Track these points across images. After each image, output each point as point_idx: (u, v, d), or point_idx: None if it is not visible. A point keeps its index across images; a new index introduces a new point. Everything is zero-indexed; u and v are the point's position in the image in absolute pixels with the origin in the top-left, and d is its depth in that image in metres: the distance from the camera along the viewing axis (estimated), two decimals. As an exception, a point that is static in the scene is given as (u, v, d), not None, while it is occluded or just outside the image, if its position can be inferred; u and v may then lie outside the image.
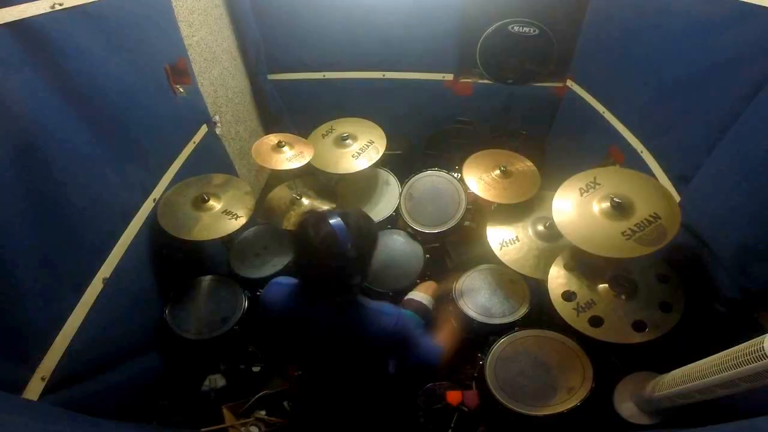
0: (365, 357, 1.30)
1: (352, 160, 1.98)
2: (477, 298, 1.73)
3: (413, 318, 1.58)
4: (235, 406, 1.68)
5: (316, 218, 1.10)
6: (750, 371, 0.89)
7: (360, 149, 2.02)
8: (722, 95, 1.32)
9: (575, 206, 1.41)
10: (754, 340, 0.89)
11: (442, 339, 1.41)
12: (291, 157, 1.90)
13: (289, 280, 1.31)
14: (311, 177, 2.11)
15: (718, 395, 1.02)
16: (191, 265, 1.85)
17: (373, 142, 2.04)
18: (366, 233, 1.14)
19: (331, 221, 1.07)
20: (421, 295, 1.68)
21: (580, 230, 1.36)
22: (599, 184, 1.41)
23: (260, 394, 1.71)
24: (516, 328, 1.54)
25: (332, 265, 1.08)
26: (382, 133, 2.08)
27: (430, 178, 2.09)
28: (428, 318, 1.66)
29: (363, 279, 1.18)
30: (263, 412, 1.68)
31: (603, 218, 1.35)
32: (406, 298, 1.74)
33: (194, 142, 1.96)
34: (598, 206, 1.37)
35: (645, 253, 1.25)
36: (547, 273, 1.48)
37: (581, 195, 1.42)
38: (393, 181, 2.15)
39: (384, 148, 2.02)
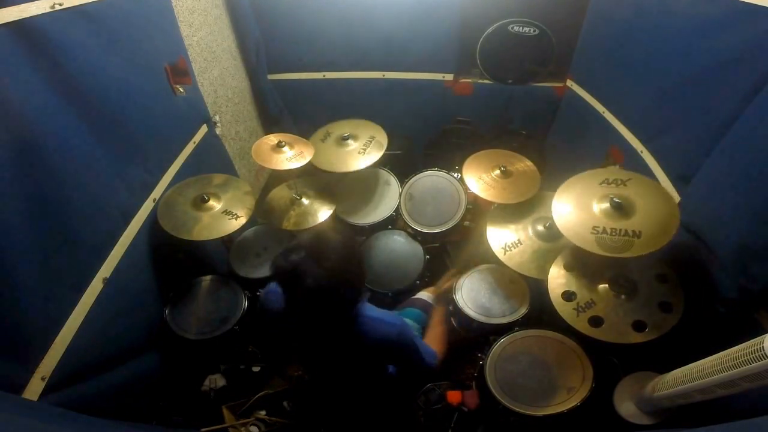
0: (366, 362, 1.30)
1: (358, 157, 1.98)
2: (477, 298, 1.72)
3: (413, 325, 1.59)
4: (235, 406, 1.68)
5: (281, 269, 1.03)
6: (750, 371, 0.89)
7: (363, 146, 2.02)
8: (722, 95, 1.32)
9: (583, 188, 1.42)
10: (754, 340, 0.89)
11: (433, 340, 1.42)
12: (291, 157, 1.89)
13: None
14: (311, 177, 2.11)
15: (718, 395, 1.02)
16: (191, 265, 1.85)
17: (375, 137, 2.04)
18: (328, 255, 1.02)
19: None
20: (428, 294, 1.69)
21: (568, 206, 1.39)
22: (626, 186, 1.39)
23: (260, 394, 1.71)
24: (516, 328, 1.54)
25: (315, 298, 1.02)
26: (381, 129, 2.08)
27: (430, 178, 2.09)
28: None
29: (356, 296, 1.12)
30: (263, 412, 1.68)
31: (596, 206, 1.37)
32: (413, 297, 1.74)
33: (194, 142, 1.96)
34: (601, 197, 1.38)
35: (593, 252, 1.28)
36: (547, 273, 1.48)
37: (599, 184, 1.42)
38: (393, 181, 2.15)
39: (386, 142, 2.02)
